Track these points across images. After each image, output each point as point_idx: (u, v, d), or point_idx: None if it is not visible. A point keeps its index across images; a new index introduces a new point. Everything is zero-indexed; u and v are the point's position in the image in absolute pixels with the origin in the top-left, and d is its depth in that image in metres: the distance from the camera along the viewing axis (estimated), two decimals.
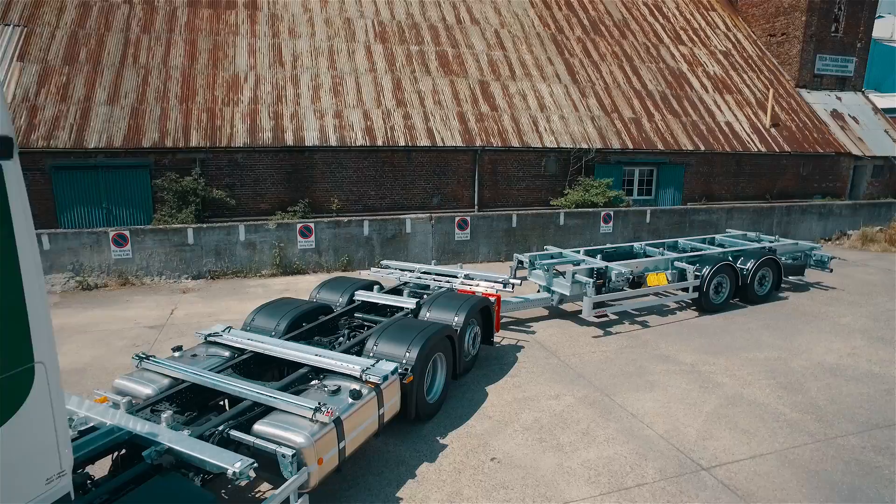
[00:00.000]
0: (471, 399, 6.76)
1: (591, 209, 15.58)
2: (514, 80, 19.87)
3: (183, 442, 3.98)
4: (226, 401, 5.23)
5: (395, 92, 18.09)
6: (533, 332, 9.12)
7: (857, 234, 16.18)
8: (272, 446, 4.14)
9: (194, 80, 16.54)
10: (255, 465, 3.80)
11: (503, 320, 9.31)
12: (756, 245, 11.43)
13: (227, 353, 5.78)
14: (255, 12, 19.05)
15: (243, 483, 5.00)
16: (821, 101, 24.23)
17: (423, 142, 17.03)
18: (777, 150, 21.44)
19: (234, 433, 4.33)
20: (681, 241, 11.84)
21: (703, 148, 20.35)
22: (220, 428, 4.35)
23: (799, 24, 23.88)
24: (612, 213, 15.17)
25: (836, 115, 23.89)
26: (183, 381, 5.03)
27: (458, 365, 6.67)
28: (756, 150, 21.13)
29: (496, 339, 8.46)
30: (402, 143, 16.83)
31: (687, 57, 23.75)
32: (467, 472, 5.32)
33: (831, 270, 11.79)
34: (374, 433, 5.08)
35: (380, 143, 16.63)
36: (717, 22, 26.30)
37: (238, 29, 18.38)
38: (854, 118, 24.01)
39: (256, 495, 4.97)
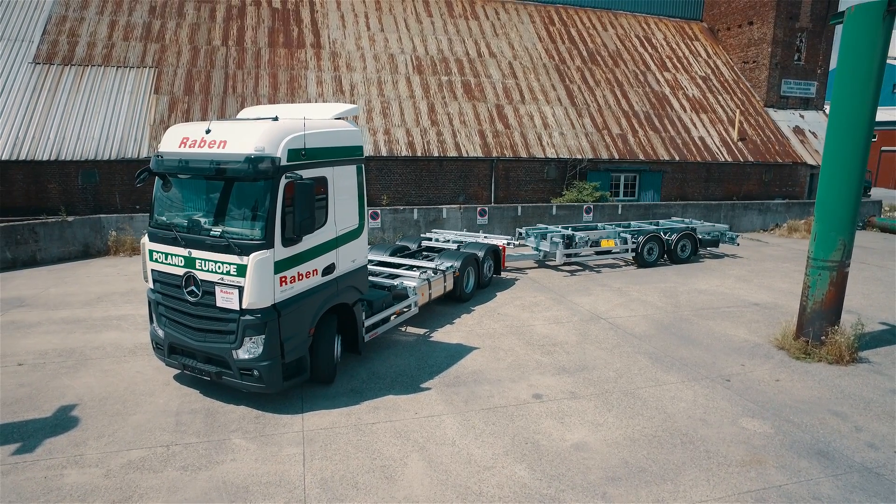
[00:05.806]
0: (488, 296, 13.14)
1: (576, 203, 21.89)
2: (524, 104, 26.33)
3: (374, 278, 10.48)
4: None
5: (429, 114, 24.64)
6: (526, 273, 15.48)
7: (786, 225, 22.25)
8: (405, 285, 10.52)
9: None
10: (403, 284, 10.25)
11: (507, 268, 15.62)
12: (681, 225, 17.66)
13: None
14: (320, 50, 25.79)
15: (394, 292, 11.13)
16: (786, 119, 30.35)
17: (452, 153, 23.51)
18: (741, 160, 27.58)
19: (387, 280, 10.77)
20: (633, 223, 18.11)
21: (677, 158, 26.56)
22: (380, 279, 10.84)
23: (766, 54, 30.10)
24: (591, 206, 21.44)
25: (797, 130, 29.98)
26: None
27: (480, 278, 13.07)
28: (723, 159, 27.29)
29: (503, 275, 14.77)
30: (435, 154, 23.31)
31: (670, 82, 30.06)
32: (485, 317, 11.68)
33: (738, 244, 18.01)
34: (441, 295, 11.48)
35: (419, 154, 23.13)
36: (699, 50, 32.61)
37: (307, 64, 25.11)
38: (813, 133, 30.07)
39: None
